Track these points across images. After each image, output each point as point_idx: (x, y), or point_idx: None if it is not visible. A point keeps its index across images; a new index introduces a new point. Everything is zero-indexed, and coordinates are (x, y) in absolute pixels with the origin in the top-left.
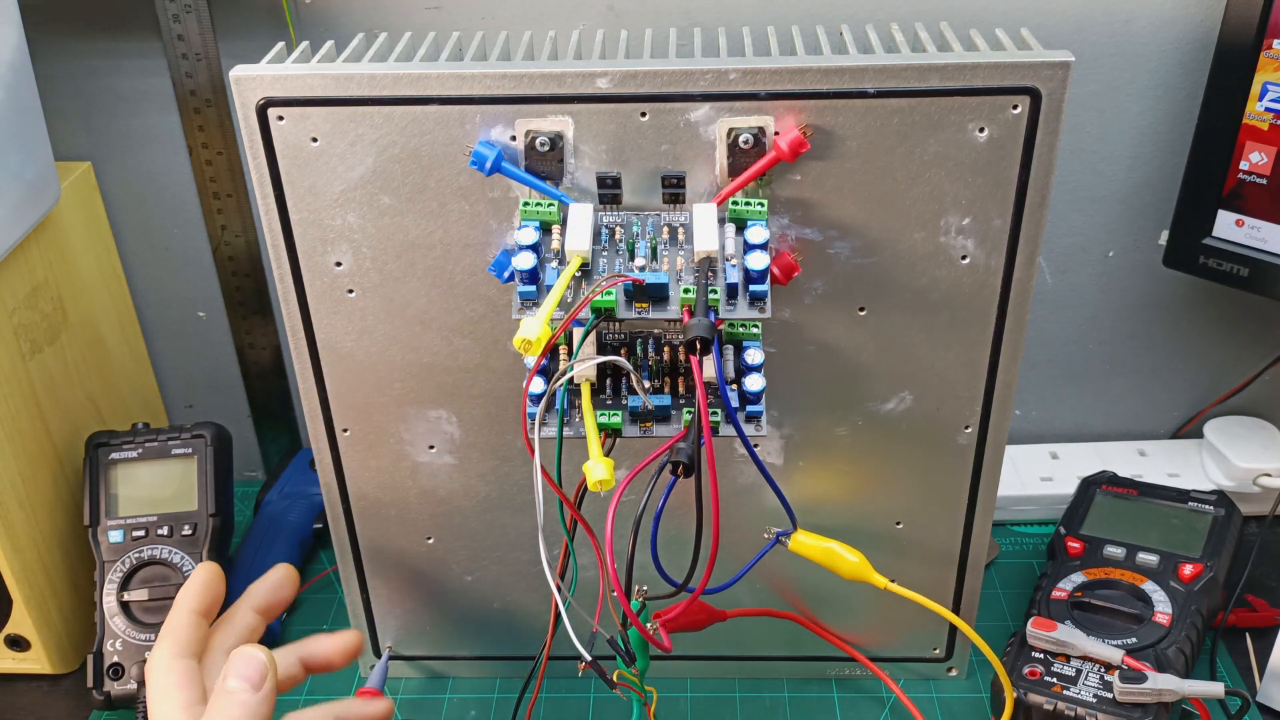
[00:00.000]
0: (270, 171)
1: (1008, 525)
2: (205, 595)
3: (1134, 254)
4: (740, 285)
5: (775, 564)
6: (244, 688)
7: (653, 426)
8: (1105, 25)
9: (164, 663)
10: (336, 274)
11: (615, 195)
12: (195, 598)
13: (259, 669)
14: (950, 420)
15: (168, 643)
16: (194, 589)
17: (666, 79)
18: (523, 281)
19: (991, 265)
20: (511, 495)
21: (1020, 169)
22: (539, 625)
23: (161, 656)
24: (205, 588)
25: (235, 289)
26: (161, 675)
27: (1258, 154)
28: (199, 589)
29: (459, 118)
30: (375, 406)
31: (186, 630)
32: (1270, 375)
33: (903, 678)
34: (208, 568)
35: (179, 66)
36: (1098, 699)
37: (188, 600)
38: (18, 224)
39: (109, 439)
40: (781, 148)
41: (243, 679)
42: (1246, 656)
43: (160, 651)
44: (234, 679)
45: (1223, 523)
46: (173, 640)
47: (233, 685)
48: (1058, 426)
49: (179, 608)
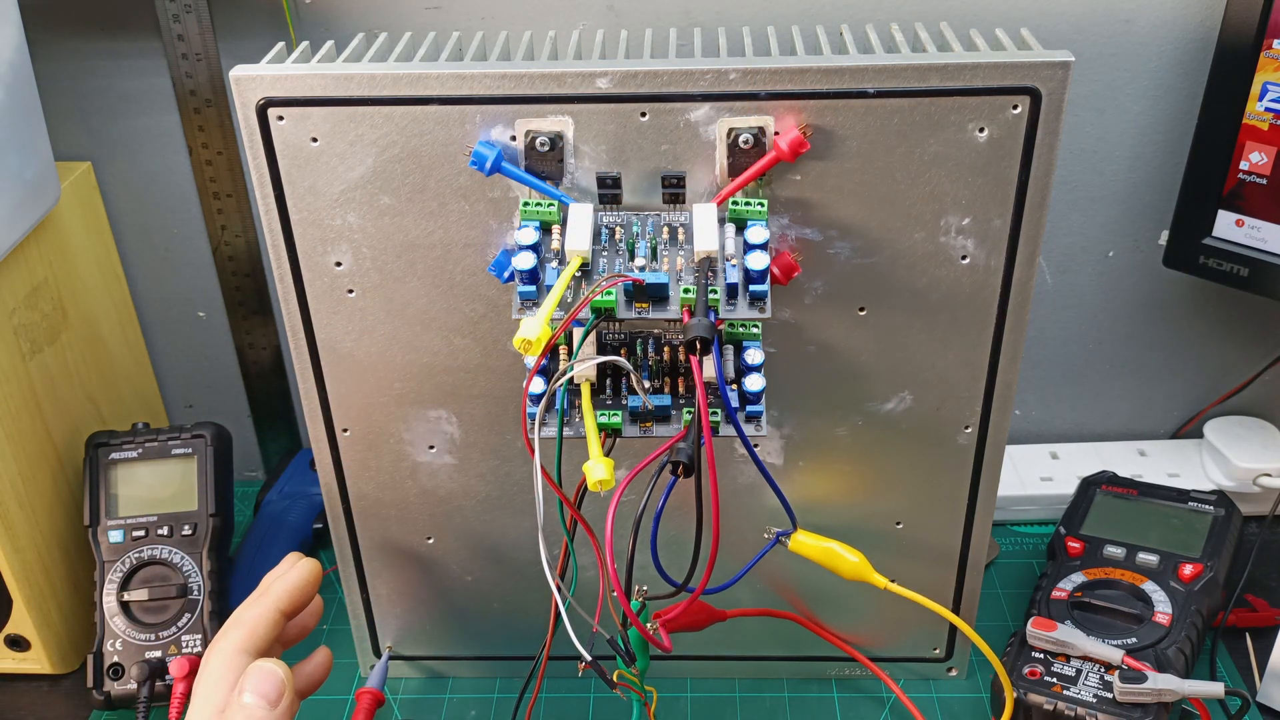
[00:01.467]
0: (270, 171)
1: (1008, 525)
2: (297, 598)
3: (1134, 254)
4: (740, 285)
5: (775, 564)
6: (260, 704)
7: (653, 426)
8: (1105, 25)
9: (231, 654)
10: (336, 274)
11: (615, 195)
12: (287, 598)
13: (277, 686)
14: (950, 420)
15: (242, 634)
16: (289, 589)
17: (666, 79)
18: (523, 281)
19: (991, 265)
20: (511, 495)
21: (1020, 169)
22: (539, 625)
23: (230, 645)
24: (301, 591)
25: (235, 289)
26: (222, 664)
27: (1258, 154)
28: (293, 591)
29: (459, 118)
30: (375, 406)
31: (265, 628)
32: (1270, 375)
33: (903, 678)
34: (311, 568)
35: (179, 66)
36: (1098, 699)
37: (279, 598)
38: (18, 224)
39: (109, 439)
40: (781, 148)
41: (260, 695)
42: (1246, 656)
43: (231, 639)
44: (250, 694)
45: (1223, 523)
46: (248, 634)
47: (249, 700)
48: (1058, 426)
49: (267, 603)
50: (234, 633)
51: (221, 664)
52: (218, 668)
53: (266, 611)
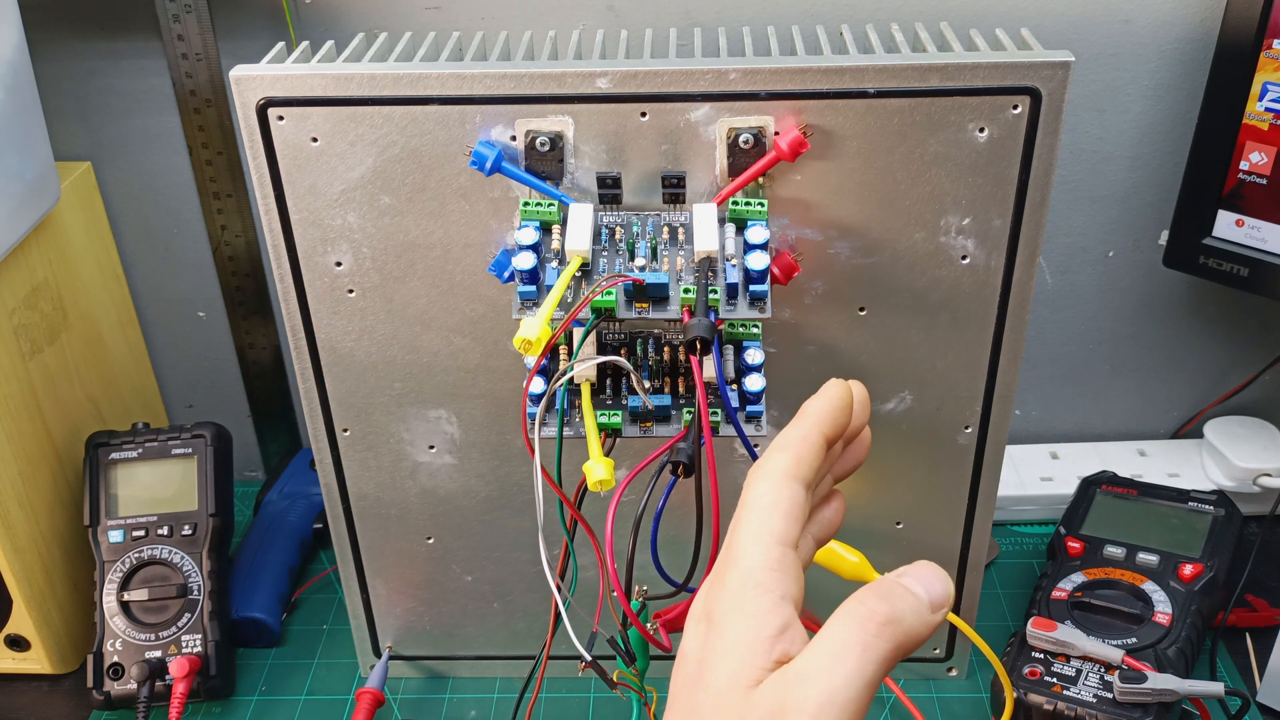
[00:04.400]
0: (270, 171)
1: (1008, 525)
2: (837, 420)
3: (1134, 254)
4: (740, 285)
5: None
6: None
7: (653, 426)
8: (1105, 25)
9: (778, 478)
10: (336, 274)
11: (615, 195)
12: (827, 420)
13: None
14: (950, 420)
15: (787, 456)
16: (825, 409)
17: (666, 79)
18: (523, 281)
19: (991, 265)
20: (511, 495)
21: (1020, 169)
22: (539, 625)
23: (777, 468)
24: (839, 412)
25: (235, 289)
26: (770, 491)
27: (1258, 154)
28: (831, 410)
29: (459, 118)
30: (375, 406)
31: (811, 453)
32: (1270, 375)
33: (903, 678)
34: (842, 388)
35: (179, 66)
36: (1098, 699)
37: (819, 419)
38: (18, 224)
39: (109, 439)
40: (781, 148)
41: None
42: (1246, 656)
43: (776, 462)
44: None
45: (1223, 523)
46: (794, 459)
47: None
48: (1058, 426)
49: (809, 425)
50: (779, 456)
51: (773, 489)
52: (770, 494)
53: (810, 434)
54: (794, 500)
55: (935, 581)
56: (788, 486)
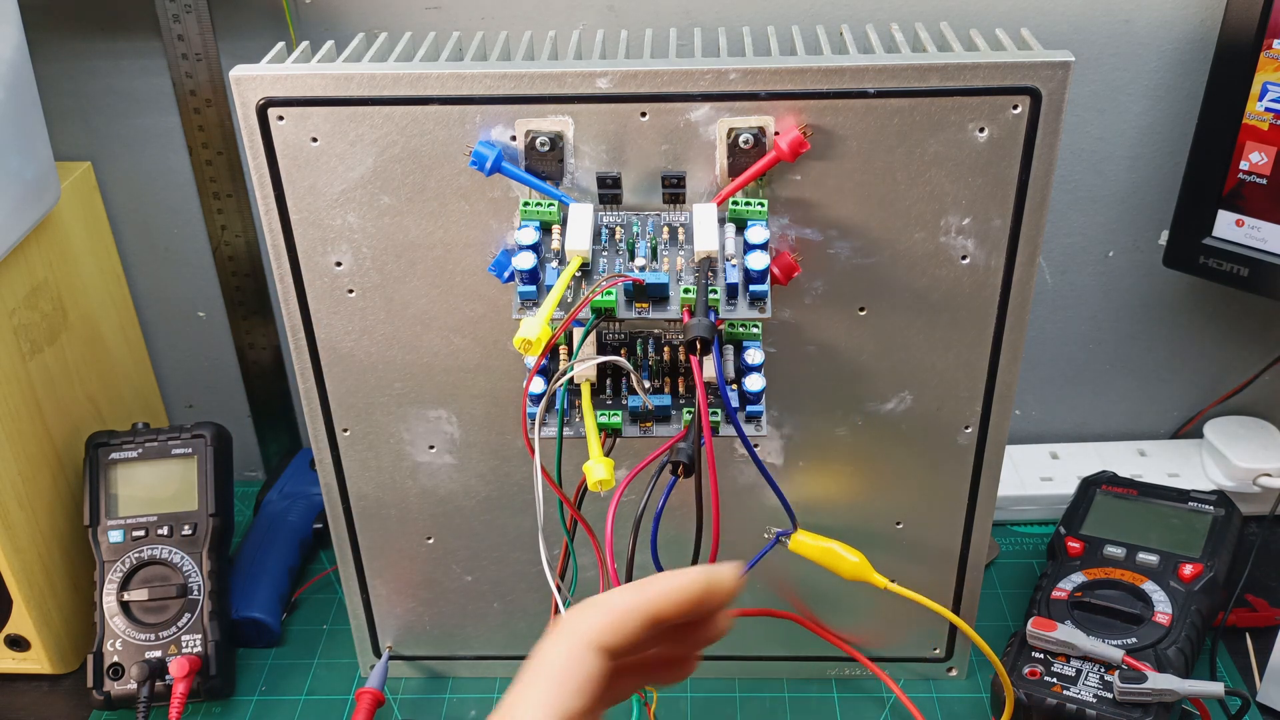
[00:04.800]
0: (270, 171)
1: (1008, 525)
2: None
3: (1134, 254)
4: (740, 285)
5: (775, 564)
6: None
7: (653, 426)
8: (1105, 25)
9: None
10: (336, 274)
11: (615, 195)
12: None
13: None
14: (950, 420)
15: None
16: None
17: (666, 79)
18: (523, 281)
19: (991, 265)
20: (511, 495)
21: (1020, 169)
22: (539, 625)
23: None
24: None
25: (235, 289)
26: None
27: (1258, 154)
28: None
29: (459, 118)
30: (375, 406)
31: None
32: (1270, 375)
33: (903, 678)
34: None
35: (179, 66)
36: (1098, 699)
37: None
38: (18, 224)
39: (109, 439)
40: (781, 148)
41: None
42: (1246, 656)
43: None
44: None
45: (1223, 523)
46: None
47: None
48: (1058, 426)
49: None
50: (590, 616)
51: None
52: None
53: (637, 609)
54: (588, 674)
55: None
56: (587, 656)
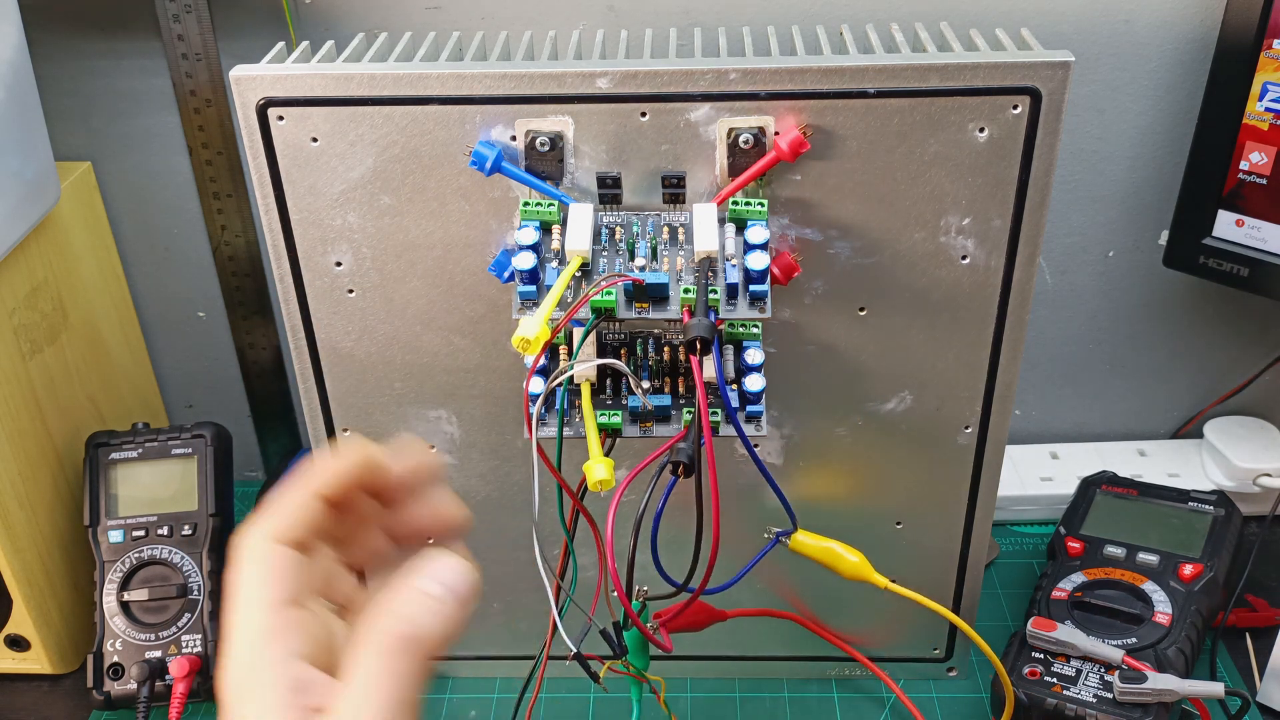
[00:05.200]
0: (270, 171)
1: (1008, 525)
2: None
3: (1134, 254)
4: (740, 285)
5: (775, 564)
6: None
7: (653, 426)
8: (1105, 25)
9: (255, 543)
10: (336, 274)
11: (615, 195)
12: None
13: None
14: (950, 420)
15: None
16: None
17: (666, 79)
18: (523, 281)
19: (991, 265)
20: (511, 495)
21: (1020, 169)
22: (539, 625)
23: (253, 532)
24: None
25: (235, 289)
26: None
27: (1258, 154)
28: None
29: (459, 118)
30: (375, 406)
31: (300, 513)
32: (1270, 375)
33: (903, 678)
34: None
35: (179, 66)
36: (1098, 699)
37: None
38: (18, 224)
39: (109, 439)
40: (781, 148)
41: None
42: (1246, 656)
43: (255, 526)
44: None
45: (1223, 523)
46: (277, 519)
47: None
48: (1058, 426)
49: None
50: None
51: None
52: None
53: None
54: (278, 563)
55: (449, 572)
56: (269, 550)
